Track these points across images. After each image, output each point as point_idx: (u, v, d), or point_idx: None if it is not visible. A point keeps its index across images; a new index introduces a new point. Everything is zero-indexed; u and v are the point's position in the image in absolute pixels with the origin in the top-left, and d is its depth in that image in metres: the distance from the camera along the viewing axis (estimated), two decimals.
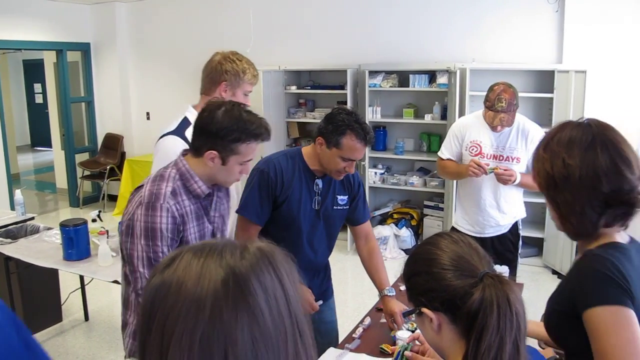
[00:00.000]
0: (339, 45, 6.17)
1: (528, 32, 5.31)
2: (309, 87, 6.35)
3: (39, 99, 12.43)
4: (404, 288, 2.73)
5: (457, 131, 3.23)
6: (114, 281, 3.12)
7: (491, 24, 5.46)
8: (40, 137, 12.36)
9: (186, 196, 1.87)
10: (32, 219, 4.24)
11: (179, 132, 2.34)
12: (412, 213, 5.90)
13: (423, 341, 1.78)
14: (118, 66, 7.67)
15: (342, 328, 2.74)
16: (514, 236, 3.28)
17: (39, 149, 12.92)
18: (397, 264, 5.38)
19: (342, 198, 2.43)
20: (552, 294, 1.47)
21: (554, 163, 1.38)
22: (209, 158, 1.83)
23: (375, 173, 5.95)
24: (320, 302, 2.46)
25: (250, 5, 6.47)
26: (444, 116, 5.56)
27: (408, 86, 5.69)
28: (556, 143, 1.39)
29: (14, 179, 7.66)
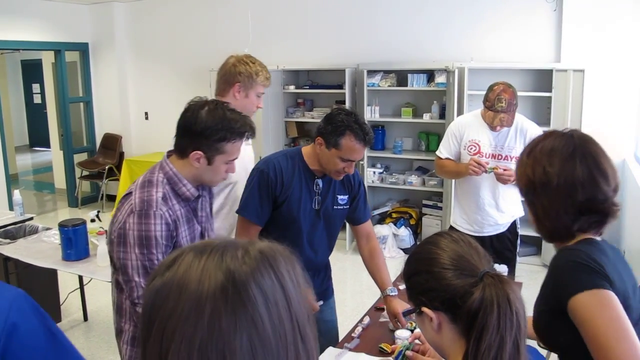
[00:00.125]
0: (337, 45, 6.18)
1: (526, 31, 5.31)
2: (307, 87, 6.35)
3: (37, 99, 12.41)
4: (403, 287, 2.74)
5: (456, 130, 3.23)
6: None
7: (489, 23, 5.46)
8: (39, 137, 12.34)
9: (176, 200, 1.84)
10: (31, 219, 4.24)
11: None
12: (410, 212, 5.90)
13: (424, 341, 1.77)
14: (116, 66, 7.66)
15: (341, 327, 2.74)
16: (512, 235, 3.28)
17: (37, 149, 12.90)
18: (396, 263, 5.41)
19: (343, 198, 2.42)
20: (537, 298, 1.49)
21: (535, 169, 1.46)
22: (194, 159, 1.80)
23: (374, 172, 5.95)
24: (321, 302, 2.46)
25: (249, 4, 6.47)
26: (442, 115, 5.56)
27: (406, 85, 5.69)
28: (539, 151, 1.47)
29: (12, 179, 7.65)
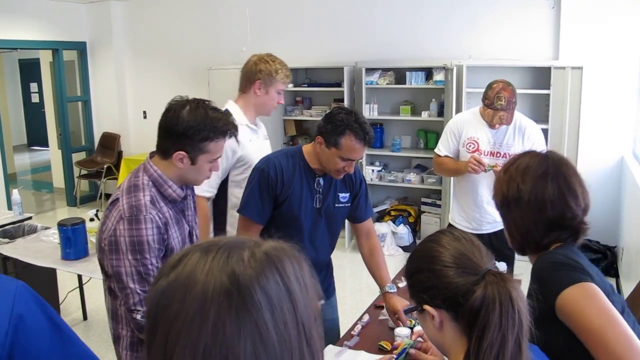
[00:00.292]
0: (336, 43, 6.17)
1: (524, 29, 5.31)
2: (305, 85, 6.35)
3: (35, 99, 12.39)
4: (402, 285, 2.74)
5: (454, 128, 3.23)
6: None
7: (488, 20, 5.46)
8: (37, 137, 12.33)
9: (163, 202, 1.81)
10: (30, 218, 4.24)
11: None
12: (409, 210, 5.90)
13: (427, 338, 1.78)
14: (114, 65, 7.65)
15: (340, 325, 2.74)
16: None
17: (35, 148, 12.90)
18: (395, 261, 5.42)
19: (344, 196, 2.42)
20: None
21: (509, 186, 1.56)
22: (177, 159, 1.78)
23: (373, 170, 5.95)
24: (322, 302, 2.46)
25: (247, 3, 6.47)
26: (440, 113, 5.56)
27: (405, 83, 5.69)
28: (515, 169, 1.58)
29: (10, 179, 7.64)
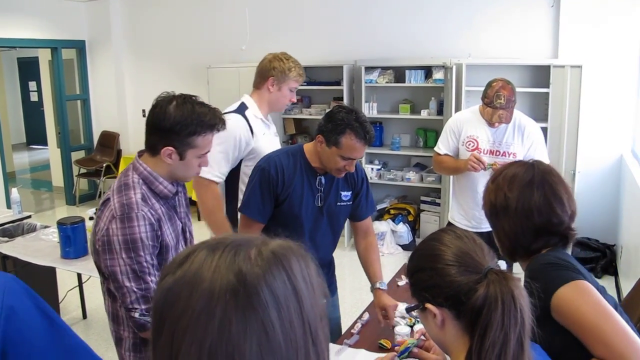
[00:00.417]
0: (335, 42, 6.17)
1: (524, 27, 5.31)
2: (305, 84, 6.30)
3: (34, 97, 12.38)
4: (402, 283, 2.74)
5: (454, 126, 3.23)
6: None
7: (487, 19, 5.46)
8: (36, 135, 12.31)
9: (155, 199, 1.81)
10: (29, 217, 4.23)
11: (239, 111, 2.68)
12: (408, 209, 5.90)
13: (429, 337, 1.78)
14: (113, 63, 7.64)
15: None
16: None
17: (34, 147, 12.89)
18: (395, 259, 5.42)
19: (346, 194, 2.41)
20: None
21: (497, 194, 1.61)
22: (166, 155, 1.78)
23: (372, 169, 5.95)
24: (324, 301, 2.45)
25: (246, 2, 6.46)
26: (440, 112, 5.56)
27: (404, 82, 5.68)
28: (502, 178, 1.62)
29: (9, 178, 7.63)
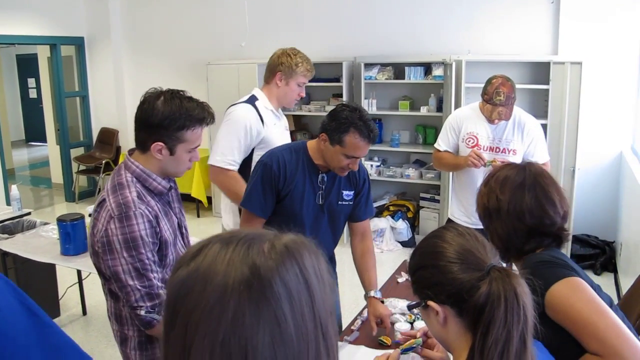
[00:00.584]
0: (335, 38, 6.16)
1: (524, 24, 5.30)
2: None
3: (32, 94, 12.36)
4: (401, 280, 2.75)
5: (454, 123, 3.23)
6: None
7: (487, 15, 5.45)
8: (35, 132, 12.29)
9: (150, 197, 1.81)
10: (29, 214, 4.23)
11: (250, 102, 2.76)
12: (408, 205, 5.91)
13: (431, 335, 1.77)
14: (112, 60, 7.62)
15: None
16: None
17: (33, 144, 12.87)
18: (394, 256, 5.42)
19: (348, 193, 2.40)
20: None
21: (489, 197, 1.63)
22: (155, 150, 1.78)
23: (371, 166, 5.95)
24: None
25: None
26: (439, 108, 5.56)
27: (404, 78, 5.68)
28: (494, 181, 1.65)
29: (9, 174, 7.62)
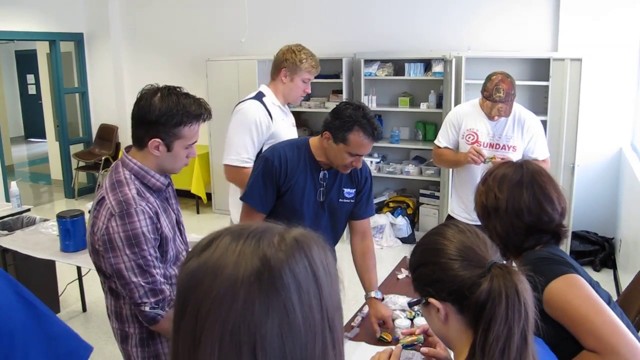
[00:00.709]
0: (334, 34, 6.15)
1: (524, 20, 5.29)
2: None
3: (32, 90, 12.35)
4: (401, 276, 2.75)
5: (454, 119, 3.23)
6: None
7: (487, 12, 5.44)
8: (34, 129, 12.28)
9: (149, 193, 1.82)
10: (28, 210, 4.23)
11: (257, 98, 2.80)
12: (408, 202, 5.91)
13: (432, 332, 1.77)
14: (112, 56, 7.61)
15: None
16: None
17: (33, 140, 12.85)
18: (394, 253, 5.42)
19: (349, 191, 2.39)
20: None
21: (488, 196, 1.65)
22: (153, 147, 1.77)
23: (371, 162, 5.94)
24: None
25: None
26: (439, 105, 5.55)
27: (403, 75, 5.67)
28: (492, 179, 1.66)
29: (8, 171, 7.62)
